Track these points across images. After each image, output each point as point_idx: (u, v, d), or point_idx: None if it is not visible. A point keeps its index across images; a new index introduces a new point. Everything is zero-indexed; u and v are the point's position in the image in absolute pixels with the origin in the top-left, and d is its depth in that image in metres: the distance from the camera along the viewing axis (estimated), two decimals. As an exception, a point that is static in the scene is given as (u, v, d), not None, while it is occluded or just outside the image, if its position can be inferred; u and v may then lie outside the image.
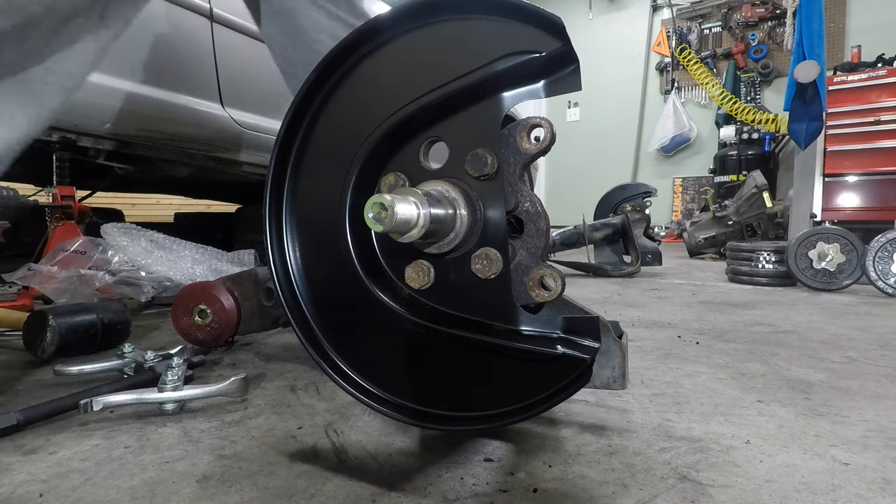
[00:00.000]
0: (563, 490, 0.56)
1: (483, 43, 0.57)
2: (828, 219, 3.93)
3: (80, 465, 0.62)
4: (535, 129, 0.56)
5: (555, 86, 0.56)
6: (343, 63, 0.66)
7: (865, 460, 0.63)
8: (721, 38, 6.57)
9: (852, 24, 5.68)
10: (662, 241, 4.50)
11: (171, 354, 0.94)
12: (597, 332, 0.57)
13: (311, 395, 0.87)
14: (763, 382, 0.95)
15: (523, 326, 0.60)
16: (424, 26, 0.60)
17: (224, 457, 0.64)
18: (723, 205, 4.01)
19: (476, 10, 0.57)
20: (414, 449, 0.66)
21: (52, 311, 1.09)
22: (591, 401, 0.83)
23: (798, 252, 2.32)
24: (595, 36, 7.25)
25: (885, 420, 0.76)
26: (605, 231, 3.01)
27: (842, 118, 3.97)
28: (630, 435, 0.70)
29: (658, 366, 1.06)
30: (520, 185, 0.58)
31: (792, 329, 1.45)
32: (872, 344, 1.27)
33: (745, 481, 0.58)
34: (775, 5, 6.06)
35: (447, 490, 0.56)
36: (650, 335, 1.36)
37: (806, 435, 0.71)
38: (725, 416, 0.77)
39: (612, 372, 0.57)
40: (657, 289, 2.34)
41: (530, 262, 0.58)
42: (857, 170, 3.91)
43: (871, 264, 2.14)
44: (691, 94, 6.77)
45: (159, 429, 0.73)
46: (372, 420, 0.75)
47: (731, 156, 5.58)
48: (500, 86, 0.57)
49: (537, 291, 0.57)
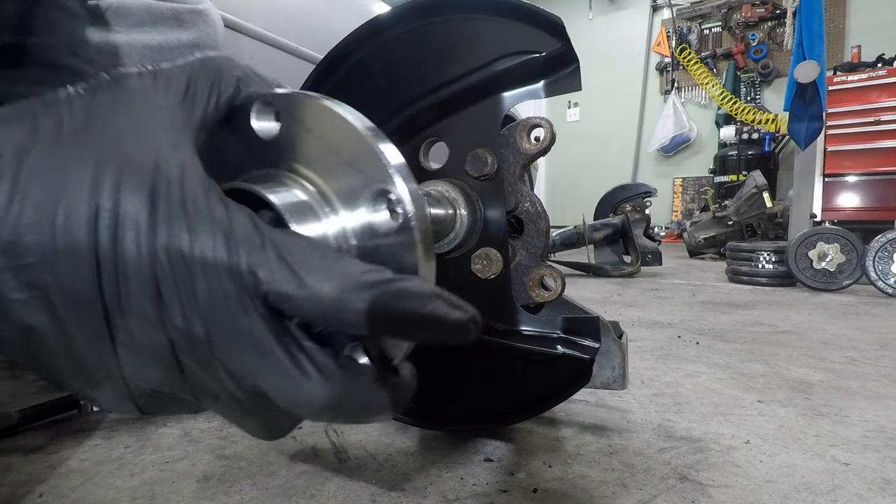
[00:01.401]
0: (563, 490, 0.56)
1: (483, 43, 0.57)
2: (828, 219, 3.93)
3: (80, 465, 0.62)
4: (535, 129, 0.56)
5: (555, 86, 0.56)
6: (342, 64, 0.66)
7: (865, 460, 0.63)
8: (721, 38, 6.57)
9: (852, 24, 5.68)
10: (662, 242, 4.50)
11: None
12: (597, 332, 0.57)
13: (311, 395, 0.87)
14: (763, 382, 0.95)
15: (523, 326, 0.60)
16: (424, 26, 0.60)
17: (224, 457, 0.64)
18: (723, 205, 4.02)
19: (476, 10, 0.57)
20: (414, 449, 0.66)
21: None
22: (591, 401, 0.83)
23: (798, 252, 2.32)
24: (595, 36, 7.25)
25: (885, 420, 0.76)
26: (605, 231, 3.01)
27: (842, 118, 3.97)
28: (630, 435, 0.70)
29: (658, 366, 1.06)
30: (520, 185, 0.58)
31: (792, 329, 1.45)
32: (872, 344, 1.27)
33: (745, 481, 0.58)
34: (775, 5, 6.06)
35: (447, 490, 0.56)
36: (650, 335, 1.36)
37: (806, 435, 0.71)
38: (725, 417, 0.77)
39: (612, 372, 0.57)
40: (657, 289, 2.35)
41: (530, 262, 0.58)
42: (857, 170, 3.91)
43: (871, 264, 2.14)
44: (691, 94, 6.77)
45: (159, 429, 0.73)
46: (372, 420, 0.75)
47: (731, 156, 5.58)
48: (500, 86, 0.57)
49: (537, 291, 0.57)
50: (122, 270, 0.24)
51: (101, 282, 0.24)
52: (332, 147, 0.35)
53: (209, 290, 0.24)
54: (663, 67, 6.95)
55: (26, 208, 0.23)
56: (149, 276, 0.24)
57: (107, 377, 0.26)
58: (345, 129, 0.34)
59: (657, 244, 2.97)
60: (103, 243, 0.24)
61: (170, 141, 0.26)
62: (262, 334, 0.25)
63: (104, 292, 0.24)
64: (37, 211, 0.23)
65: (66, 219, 0.24)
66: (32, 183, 0.24)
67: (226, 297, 0.24)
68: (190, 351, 0.25)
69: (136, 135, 0.26)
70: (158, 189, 0.25)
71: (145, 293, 0.24)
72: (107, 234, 0.24)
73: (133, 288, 0.24)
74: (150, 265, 0.24)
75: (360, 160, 0.34)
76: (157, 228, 0.24)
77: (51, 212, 0.23)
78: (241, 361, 0.25)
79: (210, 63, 0.31)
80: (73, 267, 0.24)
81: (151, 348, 0.25)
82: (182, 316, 0.24)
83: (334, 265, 0.25)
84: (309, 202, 0.34)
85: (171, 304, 0.24)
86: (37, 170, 0.24)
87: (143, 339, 0.25)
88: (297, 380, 0.25)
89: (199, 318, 0.25)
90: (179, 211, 0.24)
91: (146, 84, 0.28)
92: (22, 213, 0.23)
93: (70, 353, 0.25)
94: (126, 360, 0.25)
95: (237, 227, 0.25)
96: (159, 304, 0.24)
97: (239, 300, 0.24)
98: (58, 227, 0.24)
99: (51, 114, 0.25)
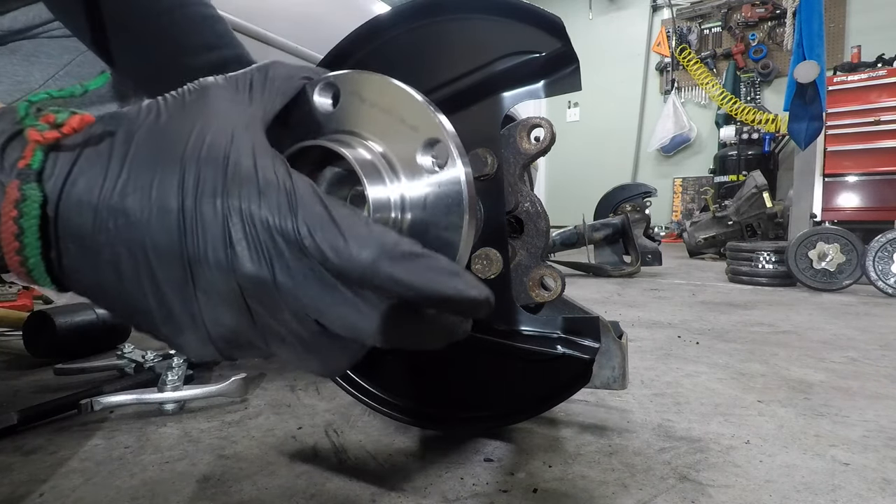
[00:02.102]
0: (563, 490, 0.56)
1: (483, 43, 0.57)
2: (828, 219, 3.92)
3: (80, 465, 0.62)
4: (535, 129, 0.56)
5: (555, 86, 0.56)
6: (342, 64, 0.66)
7: (865, 460, 0.63)
8: (721, 38, 6.57)
9: (852, 24, 5.68)
10: (662, 241, 4.50)
11: (172, 354, 0.94)
12: (597, 332, 0.57)
13: (311, 395, 0.87)
14: (763, 382, 0.95)
15: (523, 326, 0.60)
16: (424, 26, 0.60)
17: (224, 457, 0.64)
18: (723, 205, 4.01)
19: (476, 10, 0.57)
20: (414, 449, 0.66)
21: (53, 311, 1.09)
22: (591, 401, 0.83)
23: (798, 252, 2.32)
24: (595, 36, 7.25)
25: (885, 420, 0.76)
26: (605, 231, 3.01)
27: (842, 118, 3.97)
28: (630, 435, 0.70)
29: (658, 366, 1.06)
30: (520, 185, 0.58)
31: (792, 329, 1.45)
32: (872, 344, 1.27)
33: (745, 481, 0.58)
34: (775, 5, 6.06)
35: (447, 490, 0.56)
36: (650, 335, 1.36)
37: (806, 435, 0.71)
38: (725, 417, 0.77)
39: (612, 372, 0.57)
40: (657, 289, 2.35)
41: (530, 262, 0.58)
42: (857, 170, 3.90)
43: (871, 264, 2.14)
44: (691, 94, 6.77)
45: (159, 429, 0.73)
46: (372, 420, 0.75)
47: (731, 156, 5.58)
48: (500, 86, 0.57)
49: (537, 291, 0.57)
50: (200, 226, 0.29)
51: (185, 236, 0.29)
52: (385, 110, 0.41)
53: (273, 240, 0.29)
54: (663, 67, 6.95)
55: (131, 178, 0.29)
56: (222, 231, 0.29)
57: (191, 322, 0.31)
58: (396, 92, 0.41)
59: (657, 244, 2.97)
60: (187, 204, 0.29)
61: (242, 124, 0.32)
62: (320, 272, 0.30)
63: (187, 244, 0.29)
64: (139, 179, 0.29)
65: (160, 185, 0.29)
66: (137, 158, 0.30)
67: (288, 246, 0.29)
68: (257, 296, 0.30)
69: (215, 121, 0.32)
70: (231, 159, 0.30)
71: (219, 245, 0.29)
72: (191, 197, 0.29)
73: (210, 241, 0.29)
74: (223, 221, 0.29)
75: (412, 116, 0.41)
76: (230, 191, 0.29)
77: (149, 180, 0.29)
78: (304, 300, 0.30)
79: (264, 68, 0.38)
80: (162, 223, 0.29)
81: (225, 294, 0.30)
82: (250, 262, 0.29)
83: (375, 234, 0.30)
84: (373, 161, 0.39)
85: (241, 254, 0.29)
86: (140, 149, 0.30)
87: (218, 285, 0.30)
88: (356, 305, 0.30)
89: (265, 264, 0.29)
90: (251, 176, 0.30)
91: (221, 87, 0.34)
92: (128, 181, 0.29)
93: (161, 302, 0.31)
94: (205, 305, 0.31)
95: (299, 190, 0.30)
96: (232, 254, 0.29)
97: (299, 249, 0.29)
98: (153, 191, 0.29)
99: (152, 108, 0.32)
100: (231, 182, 0.29)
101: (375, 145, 0.40)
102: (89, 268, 0.30)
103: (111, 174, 0.29)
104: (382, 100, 0.41)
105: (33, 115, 0.30)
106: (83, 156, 0.30)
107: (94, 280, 0.31)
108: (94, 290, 0.31)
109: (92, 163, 0.30)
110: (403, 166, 0.40)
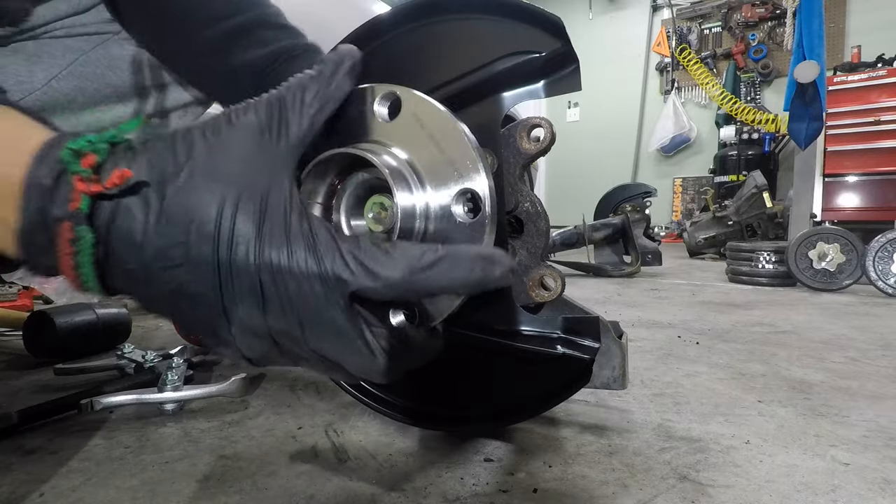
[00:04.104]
0: (563, 490, 0.56)
1: (483, 43, 0.57)
2: (828, 219, 3.92)
3: (80, 464, 0.62)
4: (535, 129, 0.56)
5: (555, 86, 0.56)
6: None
7: (865, 460, 0.63)
8: (721, 38, 6.57)
9: (852, 24, 5.68)
10: (662, 241, 4.49)
11: (172, 354, 0.94)
12: (597, 333, 0.57)
13: (311, 395, 0.87)
14: (763, 382, 0.95)
15: (523, 326, 0.60)
16: (424, 26, 0.60)
17: (224, 457, 0.64)
18: (723, 205, 4.01)
19: (476, 10, 0.57)
20: (414, 449, 0.66)
21: (53, 312, 1.09)
22: (591, 401, 0.83)
23: (798, 252, 2.32)
24: (595, 36, 7.24)
25: (885, 420, 0.76)
26: (606, 231, 3.01)
27: (842, 118, 3.96)
28: (630, 435, 0.70)
29: (658, 366, 1.06)
30: (520, 185, 0.58)
31: (792, 329, 1.45)
32: (872, 344, 1.27)
33: (746, 481, 0.58)
34: (775, 5, 6.06)
35: (447, 490, 0.56)
36: (650, 335, 1.36)
37: (806, 435, 0.71)
38: (725, 417, 0.77)
39: (612, 372, 0.57)
40: (657, 289, 2.34)
41: (530, 262, 0.58)
42: (857, 170, 3.90)
43: (871, 264, 2.14)
44: (691, 94, 6.77)
45: (159, 429, 0.73)
46: (372, 420, 0.75)
47: (731, 156, 5.57)
48: (499, 86, 0.57)
49: (537, 291, 0.57)
50: (235, 275, 0.32)
51: (220, 282, 0.32)
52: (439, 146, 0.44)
53: (301, 292, 0.32)
54: (663, 67, 6.94)
55: (170, 226, 0.32)
56: (254, 280, 0.32)
57: (226, 343, 0.35)
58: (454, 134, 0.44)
59: (657, 244, 2.97)
60: (222, 254, 0.32)
61: (274, 169, 0.34)
62: (342, 325, 0.33)
63: (223, 290, 0.32)
64: (176, 228, 0.32)
65: (197, 235, 0.32)
66: (173, 206, 0.32)
67: (315, 297, 0.32)
68: (284, 336, 0.34)
69: (247, 166, 0.34)
70: (263, 213, 0.33)
71: (253, 293, 0.32)
72: (225, 248, 0.32)
73: (243, 288, 0.32)
74: (255, 272, 0.32)
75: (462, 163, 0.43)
76: (262, 244, 0.32)
77: (185, 230, 0.32)
78: (325, 345, 0.34)
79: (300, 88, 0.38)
80: (200, 271, 0.32)
81: (256, 330, 0.34)
82: (280, 313, 0.33)
83: (397, 256, 0.34)
84: (403, 171, 0.42)
85: (271, 303, 0.33)
86: (176, 196, 0.32)
87: (250, 325, 0.34)
88: (367, 357, 0.35)
89: (294, 315, 0.33)
90: (280, 231, 0.33)
91: (247, 129, 0.35)
92: (167, 230, 0.32)
93: (200, 324, 0.35)
94: (238, 336, 0.34)
95: (320, 242, 0.33)
96: (262, 302, 0.33)
97: (326, 299, 0.33)
98: (191, 241, 0.32)
99: (184, 148, 0.34)
100: (262, 234, 0.32)
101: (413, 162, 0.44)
102: (138, 290, 0.34)
103: (150, 223, 0.32)
104: (440, 134, 0.44)
105: (75, 162, 0.32)
106: (121, 205, 0.32)
107: (144, 297, 0.35)
108: (145, 302, 0.35)
109: (130, 214, 0.32)
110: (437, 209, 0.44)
